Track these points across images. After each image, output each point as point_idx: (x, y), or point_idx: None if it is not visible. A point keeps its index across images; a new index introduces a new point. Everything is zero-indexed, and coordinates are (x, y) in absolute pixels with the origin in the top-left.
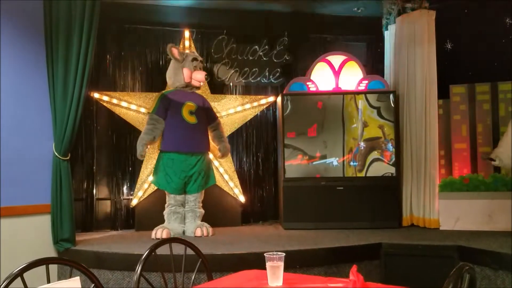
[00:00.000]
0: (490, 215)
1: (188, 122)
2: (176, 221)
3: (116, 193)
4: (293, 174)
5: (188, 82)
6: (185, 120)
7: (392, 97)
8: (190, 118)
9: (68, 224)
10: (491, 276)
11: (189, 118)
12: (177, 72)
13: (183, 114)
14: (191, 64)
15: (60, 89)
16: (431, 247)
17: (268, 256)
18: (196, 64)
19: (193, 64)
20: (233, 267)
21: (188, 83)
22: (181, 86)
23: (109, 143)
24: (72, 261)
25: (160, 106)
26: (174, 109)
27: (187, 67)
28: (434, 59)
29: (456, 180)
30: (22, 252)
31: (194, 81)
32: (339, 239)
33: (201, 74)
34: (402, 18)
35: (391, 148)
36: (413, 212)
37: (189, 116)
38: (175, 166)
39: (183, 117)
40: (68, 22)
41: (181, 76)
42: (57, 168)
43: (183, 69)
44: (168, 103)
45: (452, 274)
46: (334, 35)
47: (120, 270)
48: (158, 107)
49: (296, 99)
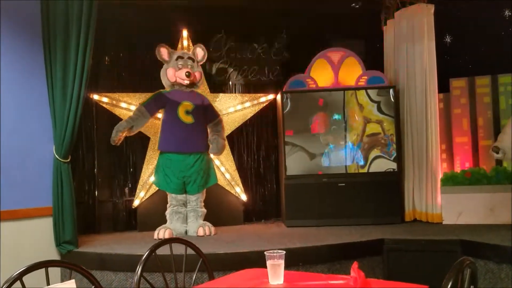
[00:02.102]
0: (492, 209)
1: (184, 122)
2: (178, 221)
3: (118, 194)
4: (295, 172)
5: (173, 81)
6: (180, 120)
7: (392, 92)
8: (186, 118)
9: (70, 226)
10: (494, 270)
11: (185, 118)
12: (164, 72)
13: (179, 114)
14: (175, 63)
15: (59, 91)
16: (434, 241)
17: (268, 254)
18: (182, 62)
19: (178, 63)
20: (235, 266)
21: (174, 83)
22: (176, 86)
23: (109, 145)
24: (71, 263)
25: (151, 102)
26: (170, 109)
27: (171, 67)
28: (433, 53)
29: (458, 174)
30: (25, 255)
31: (179, 79)
32: (341, 235)
33: (181, 71)
34: (401, 13)
35: (391, 144)
36: (415, 207)
37: (185, 116)
38: (173, 166)
39: (178, 117)
40: (65, 23)
41: (166, 76)
42: (58, 171)
43: (167, 69)
44: (163, 102)
45: (452, 269)
46: (332, 31)
47: (123, 271)
48: (149, 102)
49: (296, 97)
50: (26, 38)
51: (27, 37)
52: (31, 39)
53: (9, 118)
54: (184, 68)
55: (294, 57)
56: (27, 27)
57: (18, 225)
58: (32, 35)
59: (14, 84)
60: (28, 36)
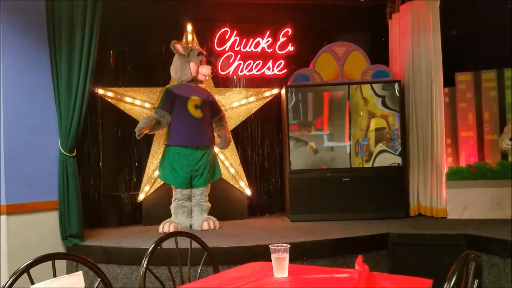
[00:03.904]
0: (498, 203)
1: (193, 116)
2: (183, 215)
3: (123, 188)
4: (299, 166)
5: (194, 76)
6: (190, 114)
7: (397, 86)
8: (195, 112)
9: (76, 220)
10: (499, 264)
11: (194, 112)
12: (184, 66)
13: (189, 108)
14: (197, 59)
15: (64, 86)
16: (439, 236)
17: (273, 247)
18: (201, 59)
19: (199, 59)
20: (240, 260)
21: (194, 77)
22: (186, 81)
23: (114, 139)
24: (77, 256)
25: (165, 101)
26: (180, 103)
27: (193, 62)
28: (439, 46)
29: (463, 169)
30: (31, 248)
31: (200, 75)
32: (346, 230)
33: (206, 68)
34: (406, 6)
35: (396, 138)
36: (420, 201)
37: (194, 110)
38: (181, 160)
39: (188, 111)
40: (70, 17)
41: (188, 70)
42: (64, 165)
43: (190, 63)
44: (173, 98)
45: (457, 262)
46: (337, 25)
47: (128, 265)
48: (163, 102)
49: (301, 91)
50: (31, 32)
51: (32, 32)
52: (36, 34)
53: (15, 113)
54: (206, 65)
55: (299, 51)
56: (32, 22)
57: (25, 219)
58: (37, 30)
59: (19, 79)
60: (33, 31)
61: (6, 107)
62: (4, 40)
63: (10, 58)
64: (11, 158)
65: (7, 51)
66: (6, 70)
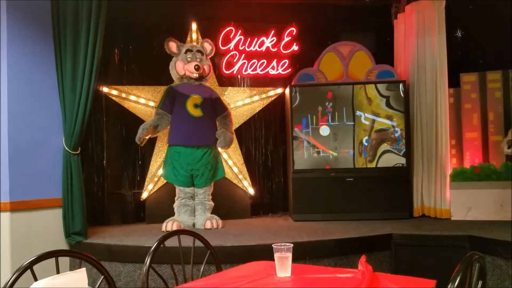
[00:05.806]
0: (502, 205)
1: (192, 115)
2: (186, 214)
3: (126, 186)
4: (302, 166)
5: (182, 74)
6: (189, 113)
7: (402, 86)
8: (194, 111)
9: (80, 218)
10: (503, 266)
11: (193, 111)
12: (173, 65)
13: (187, 107)
14: (184, 56)
15: (69, 84)
16: (442, 237)
17: (276, 247)
18: (191, 56)
19: (187, 56)
20: (242, 259)
21: (183, 76)
22: (185, 79)
23: (118, 137)
24: (81, 253)
25: (165, 101)
26: (179, 102)
27: (180, 60)
28: (444, 47)
29: (468, 170)
30: (34, 245)
31: (188, 72)
32: (349, 230)
33: (190, 65)
34: (412, 7)
35: (401, 139)
36: (424, 202)
37: (193, 109)
38: (181, 159)
39: (187, 111)
40: (75, 16)
41: (175, 69)
42: (68, 163)
43: (176, 62)
44: (174, 97)
45: (461, 263)
46: (342, 24)
47: (131, 263)
48: (163, 102)
49: (305, 90)
50: (36, 31)
51: (38, 31)
52: (41, 32)
53: (20, 110)
54: (192, 61)
55: (303, 50)
56: (37, 20)
57: (29, 216)
58: (42, 28)
59: (24, 77)
60: (39, 30)
61: (11, 104)
62: (10, 38)
63: (15, 56)
64: (16, 156)
65: (12, 49)
66: (12, 68)
